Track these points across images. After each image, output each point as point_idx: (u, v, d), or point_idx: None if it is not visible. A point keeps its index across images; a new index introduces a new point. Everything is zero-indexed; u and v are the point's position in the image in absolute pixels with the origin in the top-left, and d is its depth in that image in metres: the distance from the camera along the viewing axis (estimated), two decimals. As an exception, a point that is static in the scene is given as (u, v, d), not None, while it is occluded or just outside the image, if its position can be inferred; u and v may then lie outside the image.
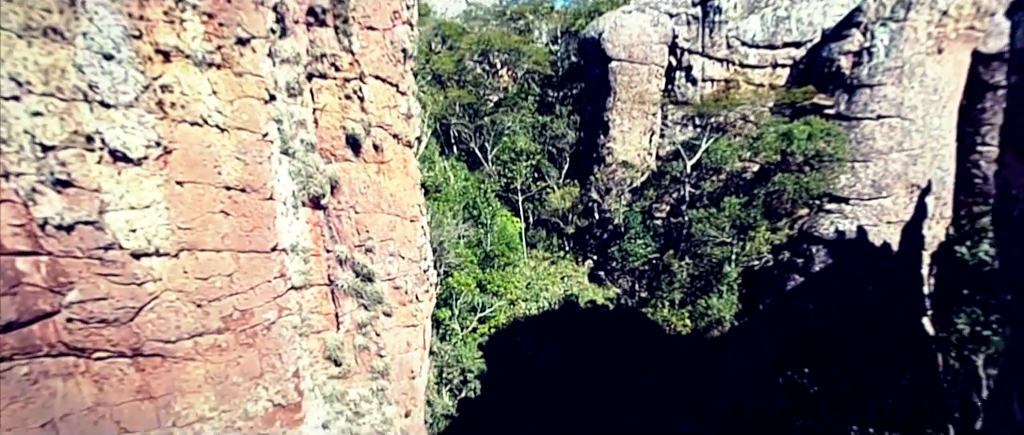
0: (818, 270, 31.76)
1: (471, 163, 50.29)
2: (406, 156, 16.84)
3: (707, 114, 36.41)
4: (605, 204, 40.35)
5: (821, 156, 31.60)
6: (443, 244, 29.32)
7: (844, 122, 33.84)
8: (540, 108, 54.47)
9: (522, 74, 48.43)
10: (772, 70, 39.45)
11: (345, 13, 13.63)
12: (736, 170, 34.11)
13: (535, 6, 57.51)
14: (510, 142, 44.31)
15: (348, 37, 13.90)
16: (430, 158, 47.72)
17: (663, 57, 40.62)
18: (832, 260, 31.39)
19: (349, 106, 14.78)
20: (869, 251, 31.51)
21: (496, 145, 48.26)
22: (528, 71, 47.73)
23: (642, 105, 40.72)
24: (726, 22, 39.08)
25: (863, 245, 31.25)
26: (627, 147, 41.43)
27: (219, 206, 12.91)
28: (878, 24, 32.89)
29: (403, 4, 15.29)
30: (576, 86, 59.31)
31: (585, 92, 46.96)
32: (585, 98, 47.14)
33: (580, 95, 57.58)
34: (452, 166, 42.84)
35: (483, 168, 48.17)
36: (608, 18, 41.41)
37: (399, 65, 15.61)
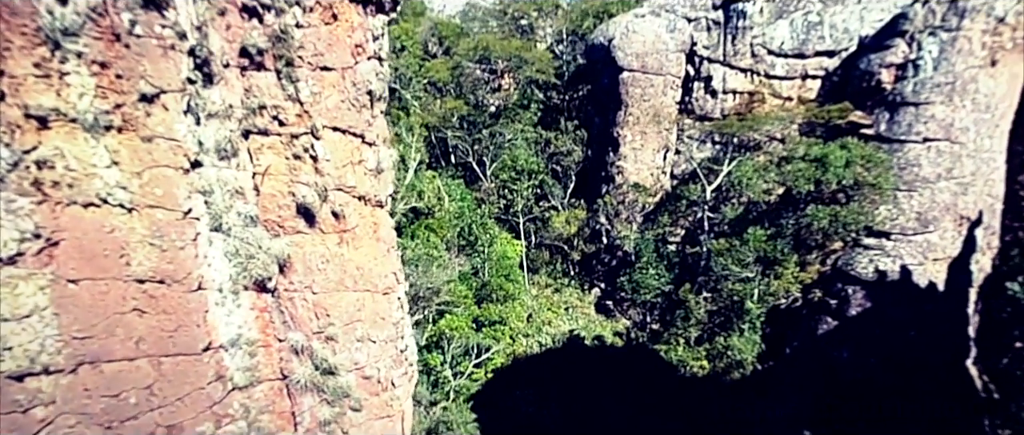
0: (855, 314, 29.21)
1: (468, 178, 47.90)
2: (376, 219, 14.36)
3: (729, 134, 33.80)
4: (614, 230, 37.84)
5: (860, 184, 29.00)
6: (434, 287, 26.88)
7: (885, 145, 31.26)
8: (543, 120, 51.96)
9: (524, 81, 45.83)
10: (801, 82, 36.87)
11: (289, 53, 11.12)
12: (760, 195, 31.52)
13: (539, 5, 54.85)
14: (510, 159, 41.79)
15: (294, 82, 11.40)
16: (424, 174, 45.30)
17: (680, 67, 38.02)
18: (871, 304, 28.85)
19: (299, 167, 12.29)
20: (913, 293, 28.95)
21: (495, 160, 45.78)
22: (530, 79, 45.12)
23: (656, 120, 38.18)
24: (751, 28, 36.48)
25: (906, 287, 28.70)
26: (639, 166, 38.89)
27: (130, 304, 10.56)
28: (926, 34, 30.26)
29: (367, 35, 12.76)
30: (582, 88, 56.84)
31: (592, 102, 44.42)
32: (592, 108, 44.59)
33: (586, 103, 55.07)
34: (446, 184, 40.35)
35: (481, 184, 45.74)
36: (619, 23, 38.79)
37: (364, 110, 13.11)
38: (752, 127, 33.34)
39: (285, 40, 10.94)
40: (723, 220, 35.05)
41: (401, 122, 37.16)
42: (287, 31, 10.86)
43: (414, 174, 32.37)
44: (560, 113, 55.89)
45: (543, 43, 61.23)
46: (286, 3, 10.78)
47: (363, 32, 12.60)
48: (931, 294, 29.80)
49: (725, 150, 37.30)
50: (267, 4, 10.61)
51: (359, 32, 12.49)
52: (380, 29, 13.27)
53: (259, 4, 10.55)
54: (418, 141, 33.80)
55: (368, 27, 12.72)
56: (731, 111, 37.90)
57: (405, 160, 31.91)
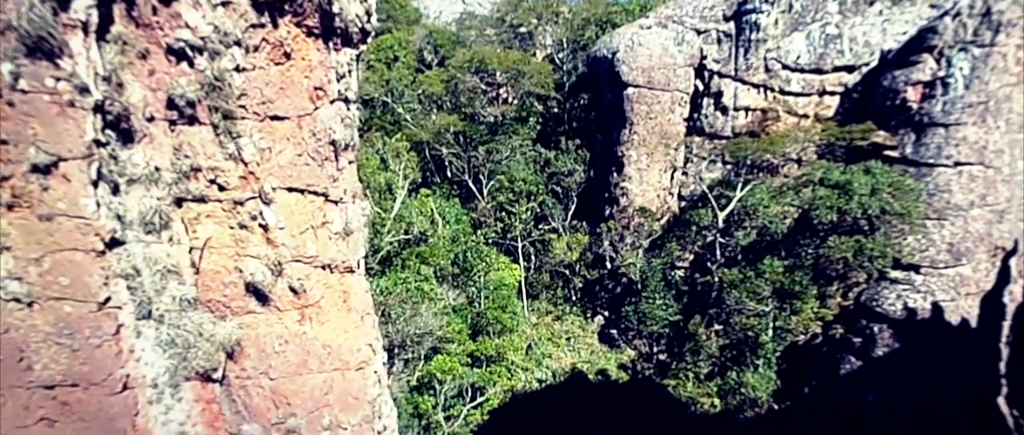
0: (881, 354, 27.29)
1: (464, 195, 46.08)
2: (346, 286, 12.55)
3: (739, 154, 31.94)
4: (618, 257, 35.94)
5: (886, 213, 27.13)
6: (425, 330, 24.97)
7: (912, 168, 29.49)
8: (542, 135, 50.11)
9: (521, 95, 44.01)
10: (819, 99, 35.10)
11: (227, 103, 9.29)
12: (778, 225, 29.62)
13: (538, 12, 53.08)
14: (507, 179, 39.92)
15: (235, 138, 9.56)
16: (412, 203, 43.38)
17: (688, 82, 36.22)
18: (899, 344, 26.95)
19: (246, 238, 10.46)
20: (944, 331, 27.06)
21: (492, 176, 43.93)
22: (528, 92, 43.31)
23: (663, 138, 36.38)
24: (764, 41, 34.70)
25: (938, 325, 26.81)
26: (644, 187, 37.05)
27: (36, 415, 8.93)
28: (956, 49, 28.52)
29: (329, 74, 10.98)
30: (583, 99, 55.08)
31: (595, 117, 42.61)
32: (595, 124, 42.79)
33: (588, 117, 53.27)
34: (441, 204, 38.48)
35: (477, 202, 43.90)
36: (623, 34, 37.01)
37: (327, 164, 11.31)
38: (766, 149, 31.48)
39: (221, 88, 9.08)
40: (735, 246, 33.16)
41: (388, 145, 35.30)
42: (224, 77, 9.00)
43: (402, 204, 30.41)
44: (560, 128, 54.26)
45: (542, 50, 59.55)
46: (223, 42, 8.91)
47: (324, 71, 10.75)
48: (963, 331, 27.91)
49: (737, 171, 35.45)
50: (198, 45, 8.75)
51: (319, 71, 10.65)
52: (347, 65, 11.41)
53: (188, 45, 8.70)
54: (407, 167, 31.93)
55: (331, 65, 10.88)
56: (743, 129, 36.08)
57: (392, 189, 30.03)
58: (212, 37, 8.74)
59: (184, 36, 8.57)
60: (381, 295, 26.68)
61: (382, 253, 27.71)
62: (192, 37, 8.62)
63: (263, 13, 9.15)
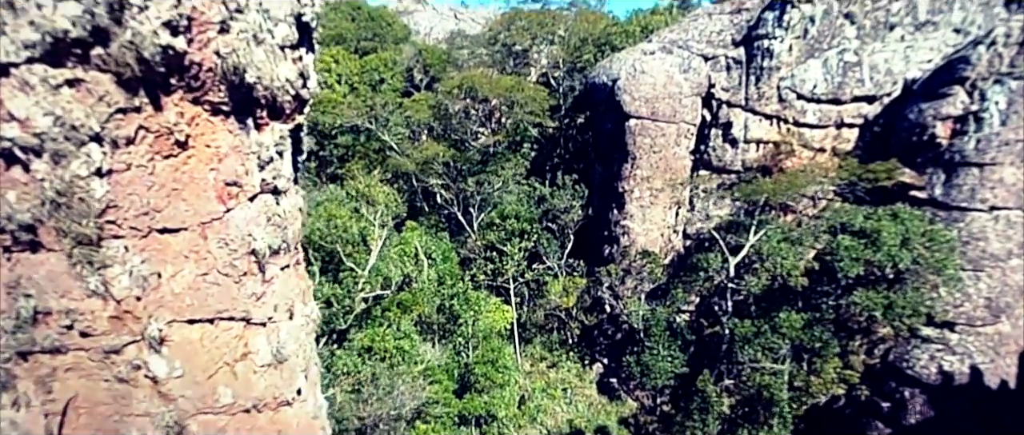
0: (913, 422, 24.73)
1: (453, 227, 43.57)
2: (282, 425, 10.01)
3: (753, 197, 29.50)
4: (619, 303, 33.39)
5: (919, 263, 24.70)
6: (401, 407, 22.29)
7: (942, 212, 27.10)
8: (537, 163, 47.72)
9: (514, 122, 41.65)
10: (837, 131, 32.83)
11: (81, 224, 6.70)
12: (796, 278, 27.11)
13: (533, 33, 50.86)
14: (499, 214, 37.43)
15: (99, 269, 6.99)
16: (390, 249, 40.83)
17: (695, 113, 33.89)
18: (933, 411, 24.40)
19: (129, 394, 7.98)
20: (983, 396, 24.53)
21: (483, 209, 41.46)
22: (521, 121, 40.96)
23: (668, 173, 34.00)
24: (777, 68, 32.43)
25: (975, 389, 24.29)
26: (647, 226, 34.61)
27: None
28: (991, 82, 26.31)
29: (248, 163, 8.54)
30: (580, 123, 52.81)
31: (593, 148, 40.22)
32: (593, 153, 40.37)
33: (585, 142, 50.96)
34: (425, 244, 35.90)
35: (467, 235, 41.37)
36: (624, 60, 34.69)
37: (248, 280, 8.94)
38: (783, 191, 29.04)
39: (71, 203, 6.50)
40: (748, 294, 30.62)
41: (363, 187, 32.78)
42: (73, 188, 6.45)
43: (383, 244, 27.86)
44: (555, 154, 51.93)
45: (537, 69, 57.35)
46: (72, 139, 6.36)
47: (239, 159, 8.25)
48: (1003, 394, 25.39)
49: (748, 212, 32.92)
50: (34, 147, 6.21)
51: (232, 161, 8.15)
52: (276, 145, 8.88)
53: (18, 146, 6.15)
54: (385, 213, 29.34)
55: (249, 149, 8.36)
56: (754, 163, 33.74)
57: (367, 240, 27.43)
58: (54, 133, 6.21)
59: (10, 134, 6.04)
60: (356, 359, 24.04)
61: (355, 312, 25.08)
62: (22, 135, 6.09)
63: (136, 93, 6.64)
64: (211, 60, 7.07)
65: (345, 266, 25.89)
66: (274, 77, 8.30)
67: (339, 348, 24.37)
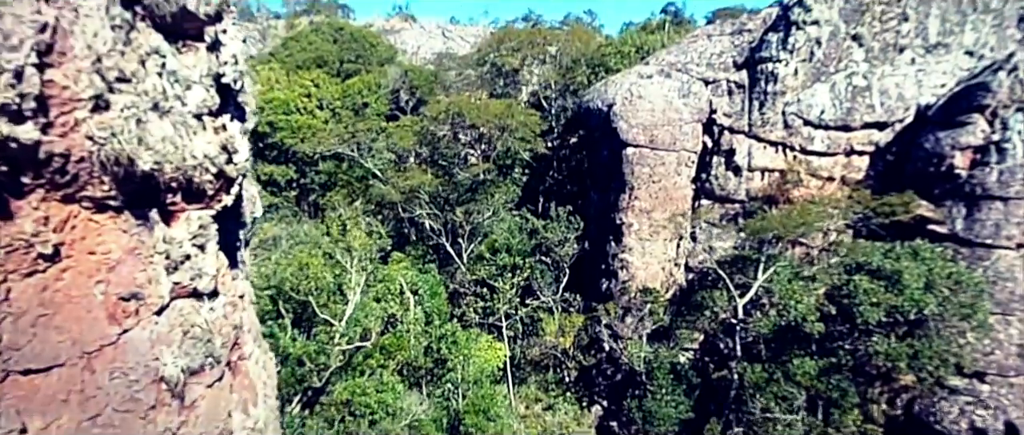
0: (944, 481, 22.93)
1: (442, 257, 41.70)
2: None
3: (761, 233, 27.80)
4: (619, 343, 31.54)
5: (945, 307, 23.02)
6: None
7: (965, 248, 25.48)
8: (528, 189, 46.03)
9: (504, 148, 39.98)
10: (846, 159, 31.35)
11: None
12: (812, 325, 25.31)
13: (523, 54, 49.39)
14: (489, 248, 35.65)
15: None
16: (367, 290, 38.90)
17: (696, 140, 32.35)
18: (966, 469, 22.60)
19: None
20: (1018, 449, 22.75)
21: (473, 239, 39.68)
22: (511, 147, 39.31)
23: (668, 203, 32.28)
24: (782, 93, 30.97)
25: (1011, 444, 22.53)
26: (647, 260, 32.87)
27: None
28: (1014, 109, 24.91)
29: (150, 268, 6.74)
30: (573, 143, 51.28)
31: (588, 172, 38.60)
32: (588, 179, 38.74)
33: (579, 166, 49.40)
34: (411, 280, 33.99)
35: (456, 266, 39.56)
36: (620, 84, 33.15)
37: (158, 411, 7.16)
38: (793, 227, 27.36)
39: None
40: (757, 335, 28.85)
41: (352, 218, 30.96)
42: None
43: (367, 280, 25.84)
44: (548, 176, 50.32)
45: (528, 88, 55.89)
46: None
47: (138, 264, 6.42)
48: (1037, 446, 23.60)
49: (756, 247, 31.10)
50: None
51: (128, 267, 6.35)
52: (192, 237, 7.06)
53: None
54: (364, 258, 27.38)
55: (153, 249, 6.53)
56: (759, 193, 32.17)
57: (344, 288, 25.48)
58: None
59: None
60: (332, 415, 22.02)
61: (331, 369, 23.07)
62: None
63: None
64: (82, 148, 5.27)
65: (319, 318, 23.96)
66: (186, 155, 6.50)
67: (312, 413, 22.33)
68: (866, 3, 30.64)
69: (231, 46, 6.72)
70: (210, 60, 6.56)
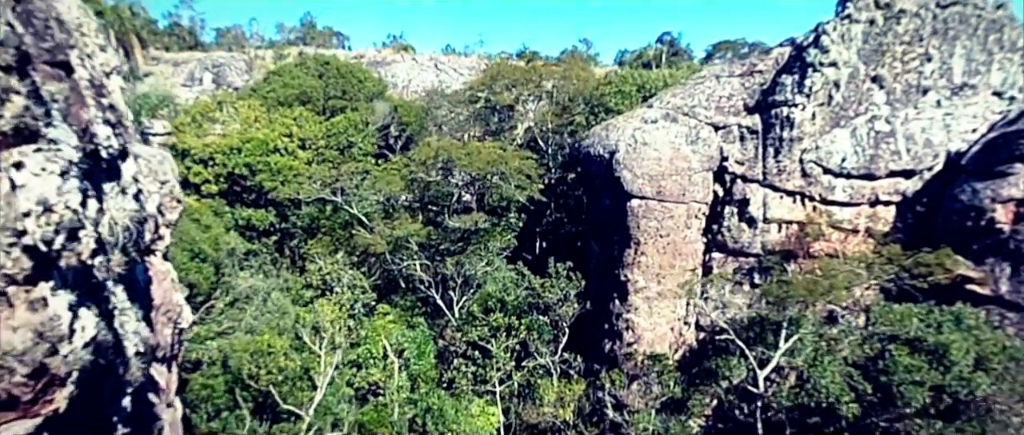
0: None
1: (432, 308, 38.99)
2: None
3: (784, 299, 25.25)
4: (624, 414, 28.74)
5: (998, 387, 20.46)
6: None
7: (1012, 313, 23.00)
8: (525, 235, 43.59)
9: (499, 198, 37.66)
10: (871, 209, 29.03)
11: None
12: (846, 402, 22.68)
13: (517, 93, 47.35)
14: (481, 306, 33.03)
15: None
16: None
17: (707, 190, 30.03)
18: None
19: None
20: None
21: (466, 289, 37.06)
22: (505, 194, 36.95)
23: (677, 259, 29.80)
24: (799, 139, 28.79)
25: None
26: (655, 321, 30.30)
27: None
28: (1060, 162, 22.52)
29: None
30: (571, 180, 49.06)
31: (588, 220, 36.19)
32: (588, 229, 36.31)
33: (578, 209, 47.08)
34: (397, 341, 31.29)
35: (447, 321, 36.89)
36: (622, 129, 30.91)
37: None
38: (821, 293, 24.85)
39: None
40: (777, 403, 26.13)
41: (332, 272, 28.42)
42: None
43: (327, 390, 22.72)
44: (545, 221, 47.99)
45: (524, 123, 53.81)
46: None
47: None
48: None
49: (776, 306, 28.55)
50: None
51: None
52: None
53: None
54: (336, 334, 24.64)
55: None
56: (776, 246, 29.79)
57: (312, 374, 22.74)
58: None
59: None
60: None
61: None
62: None
63: None
64: None
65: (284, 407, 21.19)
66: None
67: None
68: (886, 43, 28.66)
69: (40, 186, 4.21)
70: (11, 215, 4.05)
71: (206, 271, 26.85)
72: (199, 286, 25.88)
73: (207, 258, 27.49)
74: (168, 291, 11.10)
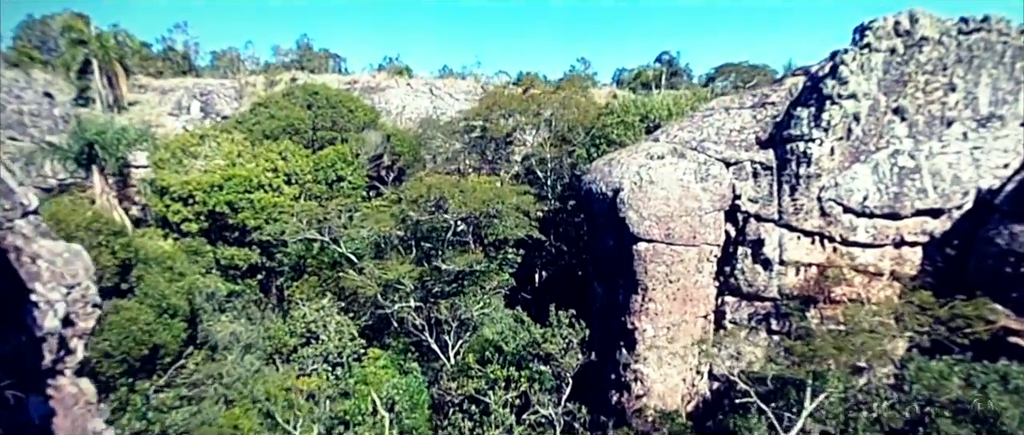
0: None
1: (425, 351, 36.89)
2: None
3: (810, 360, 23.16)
4: (636, 476, 26.60)
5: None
6: None
7: (1061, 372, 20.82)
8: (523, 271, 41.62)
9: (495, 239, 35.72)
10: (895, 251, 27.06)
11: None
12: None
13: (515, 123, 45.64)
14: (477, 353, 30.88)
15: None
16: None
17: (719, 231, 28.10)
18: None
19: None
20: None
21: (461, 335, 35.00)
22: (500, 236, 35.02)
23: (688, 305, 27.77)
24: (817, 175, 26.93)
25: None
26: (665, 372, 28.19)
27: None
28: (1109, 205, 20.61)
29: None
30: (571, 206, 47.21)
31: (591, 260, 34.17)
32: (592, 269, 34.30)
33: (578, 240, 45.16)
34: (387, 393, 29.16)
35: (442, 365, 34.82)
36: (627, 165, 29.04)
37: None
38: (853, 351, 22.80)
39: None
40: (802, 467, 23.99)
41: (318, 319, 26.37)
42: None
43: None
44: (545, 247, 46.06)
45: (522, 149, 52.10)
46: None
47: None
48: None
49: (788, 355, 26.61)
50: None
51: None
52: None
53: None
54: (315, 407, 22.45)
55: None
56: (794, 290, 27.80)
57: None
58: None
59: None
60: None
61: None
62: None
63: None
64: None
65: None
66: None
67: None
68: (908, 72, 26.91)
69: None
70: None
71: (176, 327, 24.78)
72: (167, 346, 23.79)
73: (178, 311, 25.44)
74: (80, 418, 8.98)
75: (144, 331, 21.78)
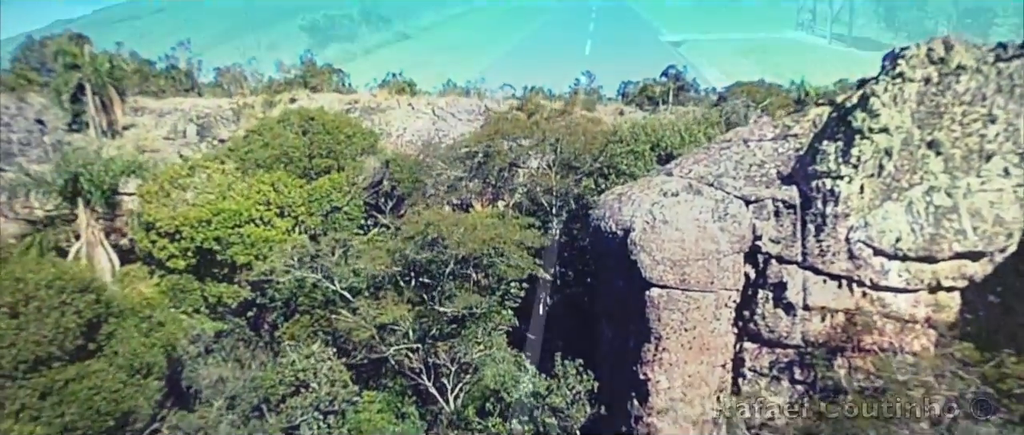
0: None
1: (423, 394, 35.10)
2: None
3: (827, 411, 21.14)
4: None
5: None
6: None
7: None
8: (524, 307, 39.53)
9: (497, 279, 33.82)
10: (931, 296, 24.98)
11: None
12: None
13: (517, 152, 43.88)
14: (475, 404, 28.98)
15: None
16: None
17: (738, 275, 26.17)
18: None
19: None
20: None
21: (461, 378, 33.17)
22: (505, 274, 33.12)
23: (705, 354, 25.74)
24: (845, 215, 25.02)
25: None
26: (681, 426, 26.06)
27: None
28: None
29: None
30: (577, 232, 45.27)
31: (600, 304, 32.23)
32: (600, 310, 32.33)
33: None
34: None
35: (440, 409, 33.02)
36: (639, 202, 27.11)
37: None
38: (897, 420, 20.71)
39: None
40: None
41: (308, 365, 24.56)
42: None
43: None
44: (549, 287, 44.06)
45: (526, 171, 50.26)
46: None
47: None
48: None
49: (811, 393, 24.77)
50: None
51: None
52: None
53: None
54: None
55: None
56: (818, 337, 25.74)
57: None
58: None
59: None
60: None
61: None
62: None
63: None
64: None
65: None
66: None
67: None
68: (944, 103, 24.95)
69: None
70: None
71: (150, 387, 22.93)
72: (139, 410, 21.94)
73: (153, 368, 23.61)
74: None
75: (111, 399, 19.92)
